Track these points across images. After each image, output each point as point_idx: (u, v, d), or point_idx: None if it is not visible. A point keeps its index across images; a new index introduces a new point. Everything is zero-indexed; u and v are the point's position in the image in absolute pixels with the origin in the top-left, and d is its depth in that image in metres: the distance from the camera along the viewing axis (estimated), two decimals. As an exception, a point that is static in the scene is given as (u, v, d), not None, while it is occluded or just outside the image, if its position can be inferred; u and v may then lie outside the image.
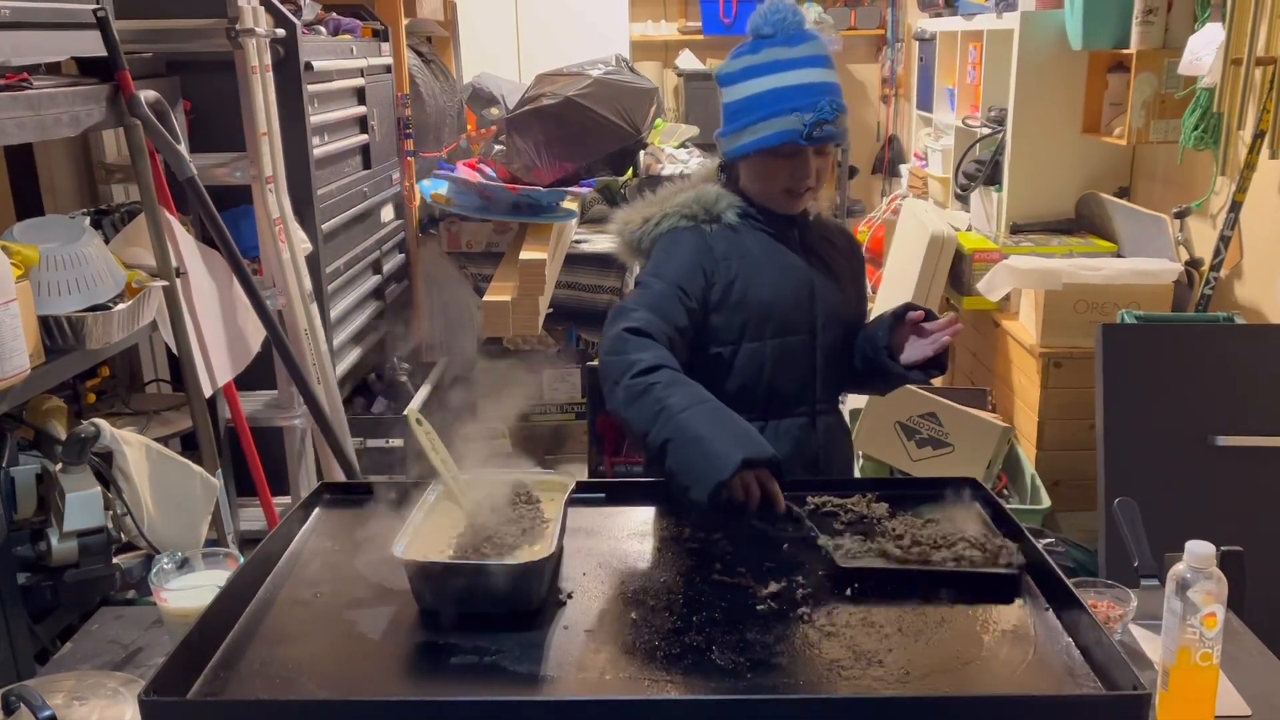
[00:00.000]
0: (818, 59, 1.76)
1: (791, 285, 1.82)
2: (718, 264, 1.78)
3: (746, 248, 1.81)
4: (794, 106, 1.72)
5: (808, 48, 1.76)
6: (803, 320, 1.82)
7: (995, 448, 3.10)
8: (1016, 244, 3.59)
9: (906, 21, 6.07)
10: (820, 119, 1.71)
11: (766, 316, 1.79)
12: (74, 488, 1.85)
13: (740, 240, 1.81)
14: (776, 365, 1.80)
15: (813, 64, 1.76)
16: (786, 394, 1.82)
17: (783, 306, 1.80)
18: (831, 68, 1.78)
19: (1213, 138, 2.96)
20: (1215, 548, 1.20)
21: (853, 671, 1.16)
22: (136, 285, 2.12)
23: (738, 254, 1.80)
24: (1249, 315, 2.89)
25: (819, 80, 1.75)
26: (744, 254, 1.80)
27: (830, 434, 1.89)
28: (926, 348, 1.75)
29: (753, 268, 1.80)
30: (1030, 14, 3.59)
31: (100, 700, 1.27)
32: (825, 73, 1.77)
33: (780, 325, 1.80)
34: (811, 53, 1.77)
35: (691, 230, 1.81)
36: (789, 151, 1.76)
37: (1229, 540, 1.52)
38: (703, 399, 1.55)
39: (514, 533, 1.35)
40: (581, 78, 4.19)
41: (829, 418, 1.89)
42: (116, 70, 2.19)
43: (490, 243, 4.48)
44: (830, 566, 1.38)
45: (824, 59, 1.77)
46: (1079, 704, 1.12)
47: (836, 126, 1.74)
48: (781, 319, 1.80)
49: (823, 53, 1.77)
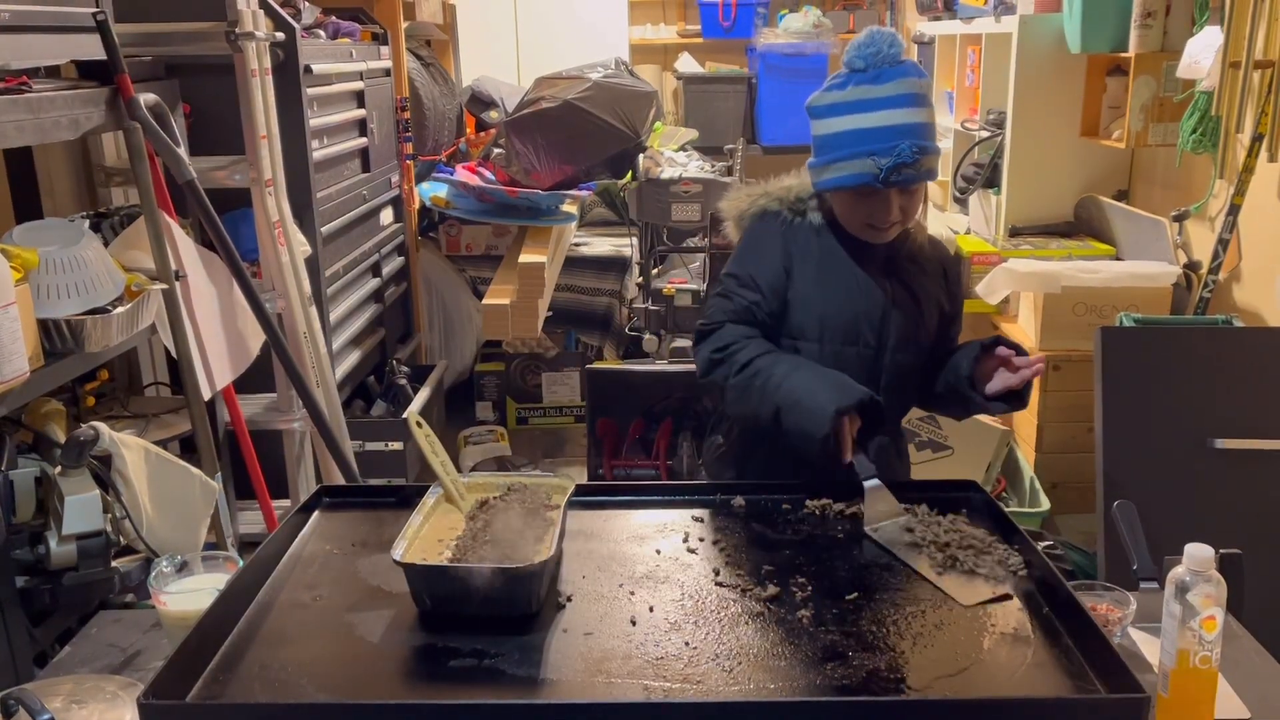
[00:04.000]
0: (905, 97, 1.71)
1: (859, 299, 1.79)
2: (793, 259, 1.80)
3: (822, 251, 1.80)
4: (871, 150, 1.69)
5: (896, 86, 1.71)
6: (869, 335, 1.79)
7: (994, 450, 3.10)
8: (1015, 247, 3.59)
9: (905, 25, 6.08)
10: (898, 163, 1.68)
11: (827, 321, 1.79)
12: (73, 491, 1.84)
13: (819, 241, 1.81)
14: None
15: (897, 104, 1.71)
16: None
17: (845, 317, 1.79)
18: (921, 105, 1.73)
19: (1211, 141, 2.96)
20: (1214, 551, 1.20)
21: (852, 674, 1.16)
22: (136, 288, 2.12)
23: (814, 255, 1.80)
24: (1248, 318, 2.89)
25: (901, 122, 1.70)
26: (819, 257, 1.80)
27: (883, 453, 1.84)
28: (1012, 379, 1.72)
29: (823, 272, 1.79)
30: (1029, 17, 3.60)
31: (99, 704, 1.27)
32: (911, 113, 1.71)
33: (842, 335, 1.79)
34: (899, 91, 1.71)
35: (776, 218, 1.84)
36: (867, 192, 1.73)
37: (1228, 543, 1.52)
38: (798, 364, 1.69)
39: (513, 536, 1.35)
40: (581, 81, 4.20)
41: (882, 438, 1.84)
42: (116, 73, 2.19)
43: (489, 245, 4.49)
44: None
45: (913, 97, 1.72)
46: (1079, 706, 1.12)
47: (917, 169, 1.69)
48: (844, 329, 1.79)
49: (912, 90, 1.72)
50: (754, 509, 1.59)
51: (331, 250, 3.20)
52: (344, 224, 3.32)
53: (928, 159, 1.71)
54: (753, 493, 1.63)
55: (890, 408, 1.82)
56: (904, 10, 6.12)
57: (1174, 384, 2.60)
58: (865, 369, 1.79)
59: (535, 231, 4.20)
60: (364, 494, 1.65)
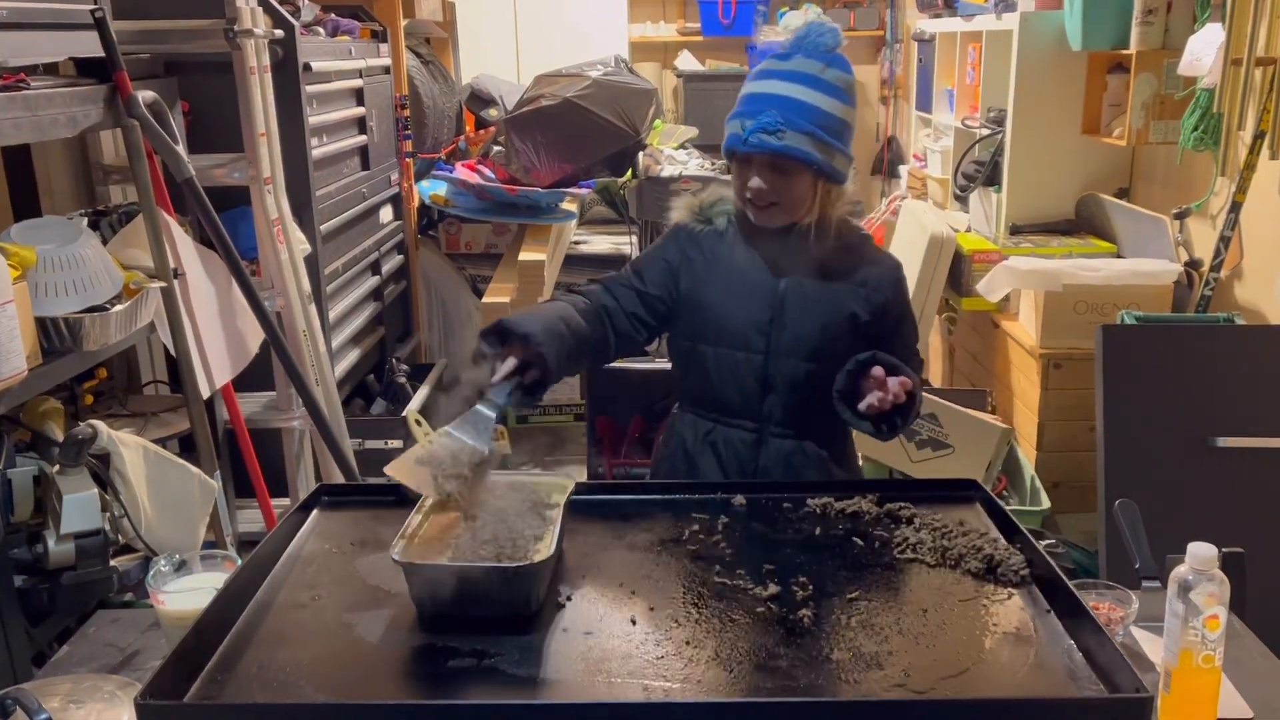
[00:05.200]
0: (796, 74, 1.72)
1: (750, 300, 1.79)
2: (687, 263, 1.84)
3: (720, 254, 1.83)
4: (742, 113, 1.74)
5: (795, 63, 1.73)
6: (756, 337, 1.79)
7: (995, 449, 3.09)
8: (1016, 245, 3.58)
9: (905, 22, 6.07)
10: (760, 127, 1.69)
11: (716, 325, 1.80)
12: (71, 490, 1.84)
13: (719, 246, 1.84)
14: (720, 375, 1.82)
15: (786, 77, 1.72)
16: (731, 405, 1.83)
17: (734, 319, 1.80)
18: (814, 88, 1.71)
19: (1212, 138, 2.96)
20: (1217, 549, 1.20)
21: (853, 674, 1.16)
22: (134, 286, 2.11)
23: (708, 258, 1.83)
24: (1249, 316, 2.89)
25: (778, 93, 1.71)
26: (714, 259, 1.83)
27: (788, 459, 1.82)
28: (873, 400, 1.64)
29: (714, 275, 1.82)
30: (1029, 15, 3.59)
31: (97, 703, 1.27)
32: (795, 88, 1.71)
33: (729, 337, 1.80)
34: (794, 68, 1.72)
35: (683, 228, 1.88)
36: (740, 159, 1.76)
37: (1229, 542, 1.51)
38: (552, 306, 1.73)
39: (513, 535, 1.35)
40: (580, 79, 4.19)
41: (788, 442, 1.82)
42: (114, 71, 2.18)
43: (489, 244, 4.48)
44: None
45: (807, 76, 1.71)
46: (1081, 707, 1.12)
47: (777, 138, 1.68)
48: (731, 331, 1.80)
49: (810, 71, 1.71)
50: (755, 508, 1.58)
51: (331, 248, 3.19)
52: (343, 222, 3.32)
53: (794, 135, 1.68)
54: (754, 491, 1.62)
55: (793, 415, 1.81)
56: (904, 7, 6.11)
57: (1175, 382, 2.59)
58: (755, 374, 1.80)
59: (535, 230, 4.19)
60: (363, 493, 1.65)
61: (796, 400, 1.80)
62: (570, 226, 4.50)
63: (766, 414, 1.82)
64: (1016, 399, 3.38)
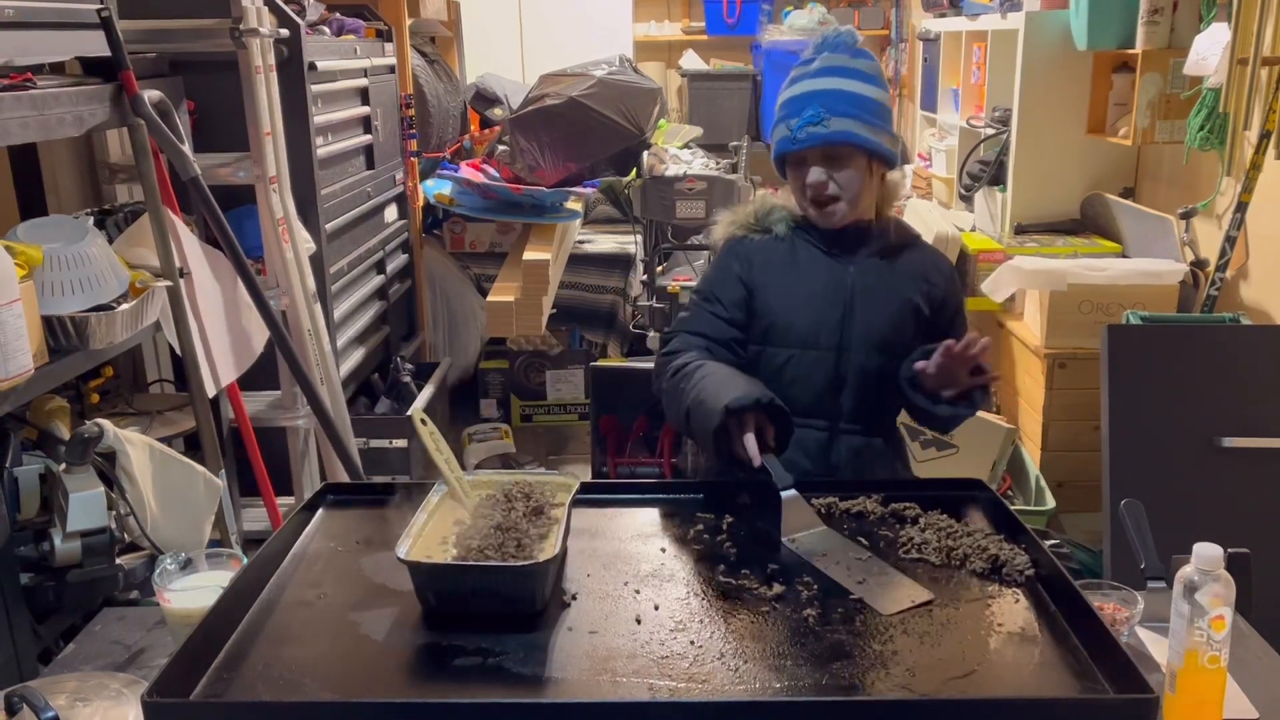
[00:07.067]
0: (826, 69, 1.77)
1: (820, 301, 1.81)
2: (753, 272, 1.84)
3: (785, 259, 1.84)
4: (784, 116, 1.78)
5: (823, 60, 1.77)
6: (828, 337, 1.81)
7: (1000, 449, 3.09)
8: (1021, 244, 3.58)
9: (910, 22, 6.06)
10: (806, 122, 1.73)
11: (787, 327, 1.82)
12: (77, 488, 1.84)
13: (784, 251, 1.85)
14: (793, 376, 1.82)
15: (818, 75, 1.77)
16: (802, 405, 1.81)
17: (806, 320, 1.81)
18: (844, 76, 1.76)
19: (1218, 138, 2.95)
20: (1222, 550, 1.19)
21: (858, 674, 1.16)
22: (140, 285, 2.12)
23: (775, 264, 1.84)
24: (1255, 316, 2.88)
25: (814, 89, 1.75)
26: (780, 265, 1.84)
27: (859, 457, 1.84)
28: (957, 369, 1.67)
29: (781, 279, 1.83)
30: (1035, 14, 3.58)
31: (103, 701, 1.27)
32: (827, 80, 1.76)
33: (801, 338, 1.81)
34: (822, 65, 1.77)
35: (740, 242, 1.89)
36: (794, 161, 1.79)
37: (1235, 542, 1.51)
38: (719, 369, 1.68)
39: (518, 534, 1.35)
40: (585, 78, 4.19)
41: (858, 439, 1.84)
42: (120, 70, 2.18)
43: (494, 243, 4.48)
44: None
45: (836, 69, 1.76)
46: (1086, 707, 1.12)
47: (825, 127, 1.73)
48: (803, 332, 1.81)
49: (837, 64, 1.76)
50: (759, 507, 1.58)
51: (335, 247, 3.19)
52: (348, 221, 3.32)
53: (839, 120, 1.73)
54: (758, 491, 1.62)
55: (863, 410, 1.83)
56: (909, 7, 6.10)
57: (1181, 382, 2.59)
58: (827, 372, 1.82)
59: (539, 229, 4.19)
60: (368, 491, 1.65)
61: (867, 395, 1.83)
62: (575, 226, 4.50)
63: (839, 411, 1.83)
64: (1021, 399, 3.37)
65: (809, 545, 1.46)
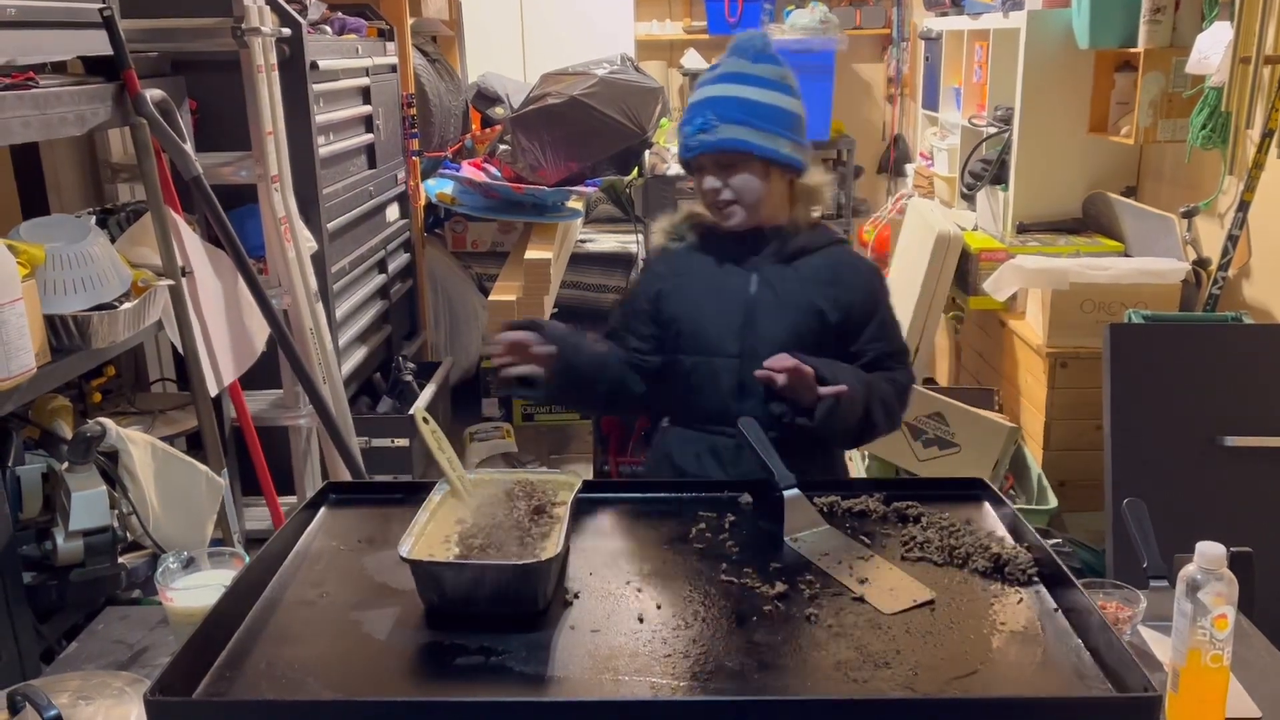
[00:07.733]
0: (728, 75, 1.79)
1: (721, 307, 1.83)
2: (660, 280, 1.90)
3: (692, 266, 1.89)
4: (683, 122, 1.82)
5: (724, 66, 1.81)
6: (731, 343, 1.82)
7: (1002, 448, 3.09)
8: (1023, 243, 3.58)
9: (912, 21, 6.06)
10: (696, 130, 1.77)
11: (691, 334, 1.84)
12: (80, 487, 1.85)
13: (691, 259, 1.90)
14: (696, 382, 1.85)
15: (719, 81, 1.80)
16: (708, 411, 1.85)
17: (706, 326, 1.83)
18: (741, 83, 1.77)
19: (1221, 137, 2.95)
20: (1225, 549, 1.19)
21: (860, 673, 1.16)
22: (142, 284, 2.12)
23: (680, 272, 1.89)
24: (1257, 315, 2.88)
25: (712, 95, 1.78)
26: (685, 272, 1.89)
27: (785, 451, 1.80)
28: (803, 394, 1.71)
29: (684, 286, 1.87)
30: (1037, 13, 3.58)
31: (106, 700, 1.27)
32: (723, 87, 1.78)
33: (705, 345, 1.83)
34: (725, 70, 1.80)
35: (660, 248, 1.96)
36: (693, 167, 1.84)
37: (1237, 541, 1.51)
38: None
39: (519, 533, 1.35)
40: (586, 77, 4.19)
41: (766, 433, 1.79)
42: (122, 69, 2.18)
43: (495, 242, 4.48)
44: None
45: (737, 75, 1.78)
46: (1089, 706, 1.12)
47: (713, 135, 1.75)
48: (704, 338, 1.83)
49: (735, 70, 1.78)
50: (761, 506, 1.58)
51: (337, 246, 3.19)
52: (350, 220, 3.32)
53: (727, 127, 1.75)
54: (760, 490, 1.62)
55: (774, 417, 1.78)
56: (911, 6, 6.10)
57: (1183, 381, 2.59)
58: (732, 377, 1.82)
59: (541, 228, 4.19)
60: (370, 490, 1.65)
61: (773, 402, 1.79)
62: (576, 225, 4.49)
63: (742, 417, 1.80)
64: (1023, 398, 3.37)
65: (811, 544, 1.46)
